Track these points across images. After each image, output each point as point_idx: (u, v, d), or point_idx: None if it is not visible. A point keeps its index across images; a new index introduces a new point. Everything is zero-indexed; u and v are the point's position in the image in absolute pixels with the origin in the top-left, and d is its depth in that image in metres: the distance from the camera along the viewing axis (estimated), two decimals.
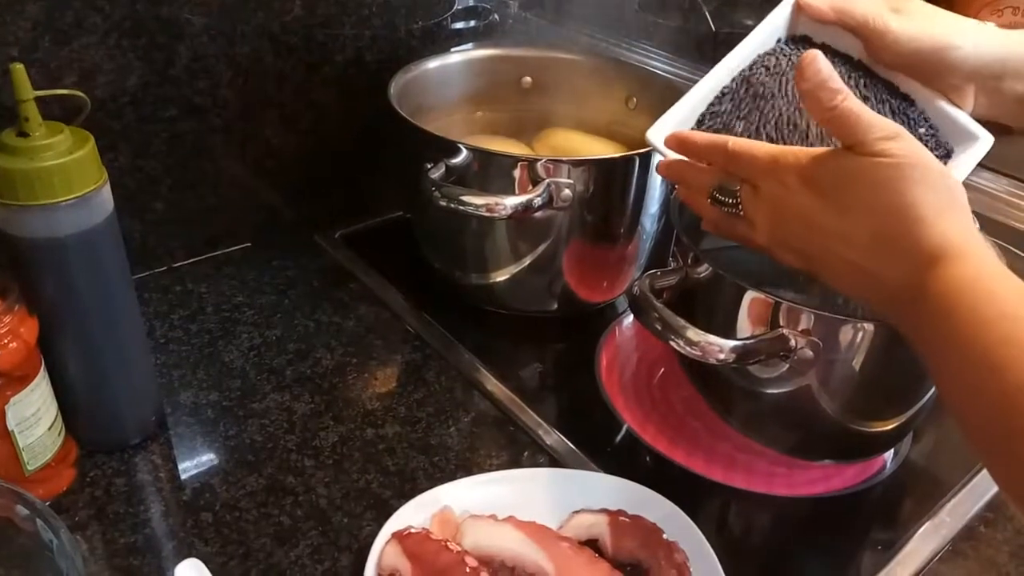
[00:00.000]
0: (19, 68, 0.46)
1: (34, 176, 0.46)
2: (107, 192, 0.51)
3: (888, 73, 0.54)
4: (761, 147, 0.47)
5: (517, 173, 0.64)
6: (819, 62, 0.43)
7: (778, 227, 0.47)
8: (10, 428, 0.50)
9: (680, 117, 0.55)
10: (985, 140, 0.54)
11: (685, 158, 0.52)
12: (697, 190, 0.52)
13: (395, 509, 0.52)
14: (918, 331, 0.42)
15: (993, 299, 0.39)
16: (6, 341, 0.48)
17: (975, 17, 0.81)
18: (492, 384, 0.67)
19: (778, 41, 0.55)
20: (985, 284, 0.40)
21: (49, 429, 0.53)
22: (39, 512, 0.43)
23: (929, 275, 0.41)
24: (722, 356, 0.51)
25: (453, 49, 0.86)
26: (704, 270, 0.55)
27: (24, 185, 0.46)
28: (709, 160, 0.51)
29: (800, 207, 0.45)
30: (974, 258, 0.41)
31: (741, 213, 0.49)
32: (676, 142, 0.52)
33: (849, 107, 0.43)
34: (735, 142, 0.48)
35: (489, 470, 0.59)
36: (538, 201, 0.63)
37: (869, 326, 0.51)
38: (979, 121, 0.54)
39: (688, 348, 0.51)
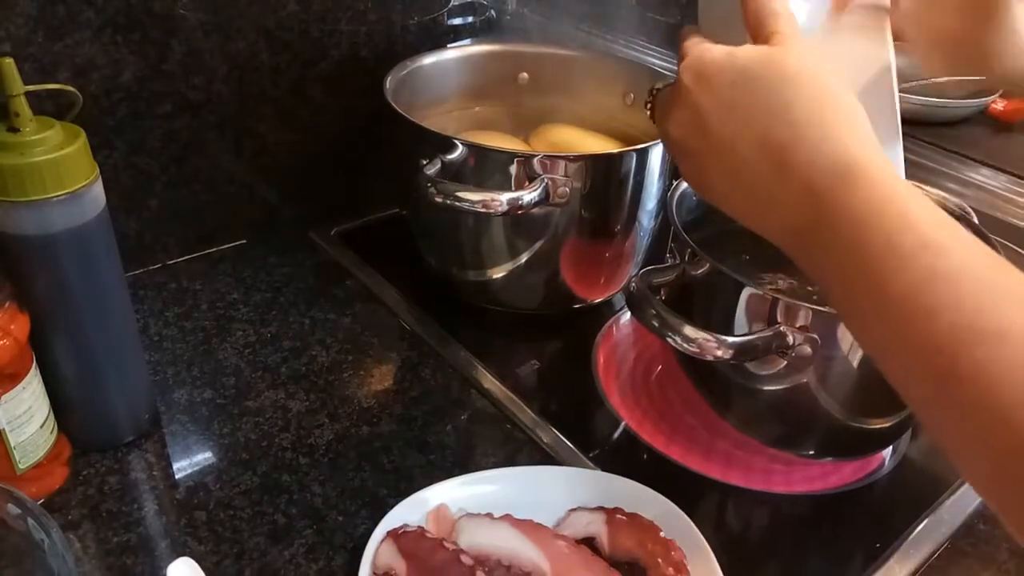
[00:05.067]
0: (8, 63, 0.45)
1: (24, 172, 0.46)
2: (99, 188, 0.50)
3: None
4: (695, 43, 0.42)
5: (513, 169, 0.64)
6: None
7: (666, 132, 0.43)
8: (1, 426, 0.49)
9: None
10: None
11: None
12: None
13: (390, 507, 0.51)
14: (823, 269, 0.37)
15: (908, 226, 0.33)
16: None
17: None
18: (489, 381, 0.67)
19: None
20: (896, 207, 0.34)
21: (41, 427, 0.52)
22: (30, 511, 0.43)
23: (828, 198, 0.36)
24: (719, 353, 0.50)
25: (449, 45, 0.86)
26: (702, 266, 0.55)
27: (14, 181, 0.46)
28: None
29: (693, 106, 0.40)
30: (880, 174, 0.35)
31: (648, 116, 0.46)
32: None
33: None
34: (687, 28, 0.45)
35: (485, 468, 0.58)
36: (535, 197, 0.62)
37: None
38: None
39: (685, 345, 0.50)
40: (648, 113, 0.48)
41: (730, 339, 0.51)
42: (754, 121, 0.38)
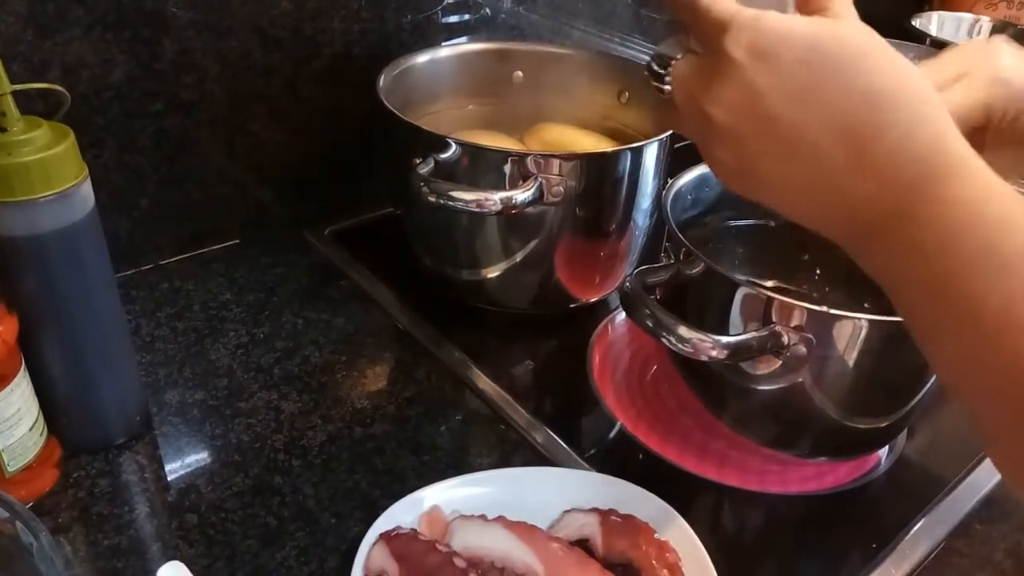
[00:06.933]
0: None
1: (12, 172, 0.45)
2: (88, 188, 0.50)
3: None
4: (725, 3, 0.36)
5: (507, 168, 0.63)
6: None
7: (706, 113, 0.37)
8: None
9: None
10: None
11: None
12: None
13: (384, 509, 0.51)
14: (898, 270, 0.34)
15: (1010, 228, 0.30)
16: None
17: (970, 12, 0.80)
18: (483, 382, 0.67)
19: None
20: (996, 207, 0.30)
21: (31, 429, 0.52)
22: (19, 514, 0.43)
23: (916, 192, 0.32)
24: (714, 353, 0.50)
25: (443, 43, 0.86)
26: (696, 266, 0.55)
27: (2, 181, 0.45)
28: (682, 16, 0.39)
29: (748, 86, 0.35)
30: (975, 168, 0.32)
31: (666, 90, 0.40)
32: None
33: None
34: None
35: (479, 469, 0.58)
36: (529, 196, 0.62)
37: (863, 322, 0.50)
38: None
39: (680, 345, 0.50)
40: (655, 87, 0.41)
41: (724, 339, 0.50)
42: (832, 104, 0.34)
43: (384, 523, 0.50)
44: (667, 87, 0.40)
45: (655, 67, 0.41)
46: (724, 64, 0.36)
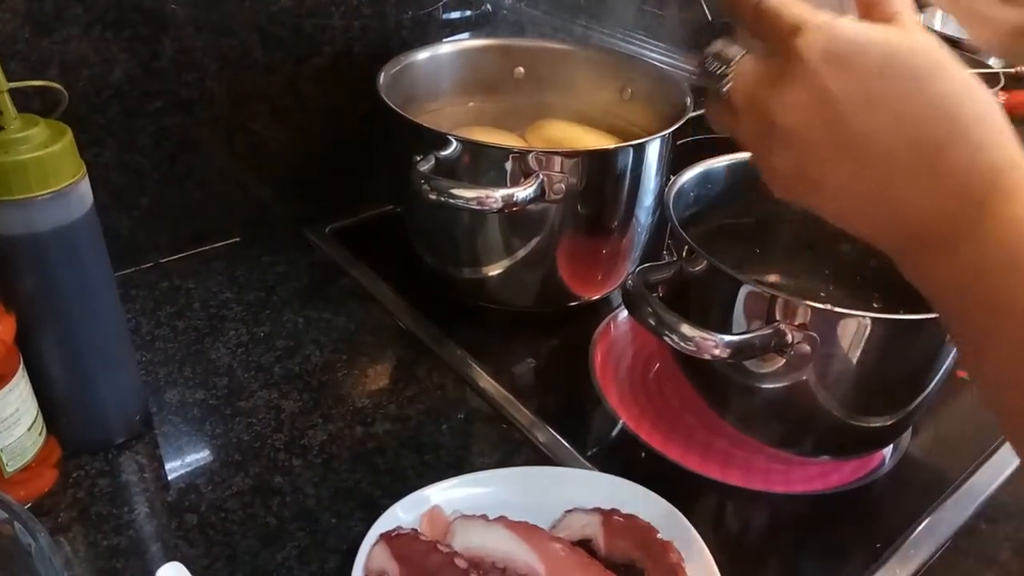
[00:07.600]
0: None
1: (9, 170, 0.45)
2: (86, 186, 0.49)
3: None
4: (794, 6, 0.36)
5: (509, 165, 0.63)
6: None
7: (769, 116, 0.36)
8: None
9: None
10: None
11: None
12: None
13: (385, 509, 0.51)
14: (952, 285, 0.34)
15: None
16: None
17: None
18: (485, 381, 0.66)
19: None
20: None
21: (29, 429, 0.51)
22: (17, 515, 0.42)
23: (982, 208, 0.32)
24: (717, 352, 0.49)
25: (444, 40, 0.85)
26: (699, 263, 0.54)
27: None
28: (742, 16, 0.38)
29: (820, 91, 0.34)
30: None
31: (725, 90, 0.38)
32: None
33: None
34: None
35: (481, 468, 0.57)
36: (530, 194, 0.61)
37: (867, 320, 0.49)
38: None
39: (682, 344, 0.50)
40: (706, 79, 0.39)
41: (727, 338, 0.50)
42: (905, 114, 0.33)
43: (385, 523, 0.50)
44: (725, 87, 0.39)
45: (712, 66, 0.39)
46: (793, 66, 0.35)
